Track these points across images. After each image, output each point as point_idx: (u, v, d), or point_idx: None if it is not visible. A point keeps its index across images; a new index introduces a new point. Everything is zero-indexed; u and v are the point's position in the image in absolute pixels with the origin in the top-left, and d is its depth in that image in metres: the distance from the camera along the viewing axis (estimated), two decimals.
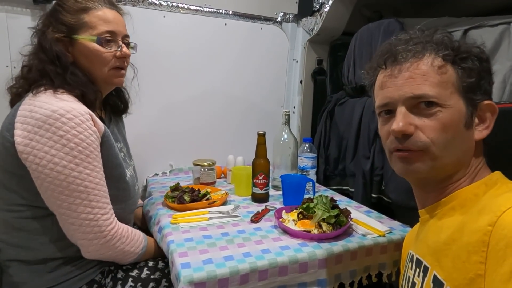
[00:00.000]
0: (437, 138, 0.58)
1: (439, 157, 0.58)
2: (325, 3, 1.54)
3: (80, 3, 0.87)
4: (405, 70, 0.60)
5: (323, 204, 0.98)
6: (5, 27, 1.23)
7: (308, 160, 1.35)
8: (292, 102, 1.79)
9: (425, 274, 0.60)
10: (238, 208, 1.14)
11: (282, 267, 0.81)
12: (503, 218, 0.48)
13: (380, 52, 0.65)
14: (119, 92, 1.09)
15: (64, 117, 0.75)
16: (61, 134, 0.75)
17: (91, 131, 0.80)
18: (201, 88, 1.60)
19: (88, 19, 0.87)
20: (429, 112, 0.58)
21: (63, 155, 0.75)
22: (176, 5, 1.48)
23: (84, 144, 0.78)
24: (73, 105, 0.79)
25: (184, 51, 1.54)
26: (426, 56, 0.59)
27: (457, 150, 0.59)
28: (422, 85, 0.58)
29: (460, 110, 0.58)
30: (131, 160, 1.11)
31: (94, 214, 0.80)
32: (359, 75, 1.41)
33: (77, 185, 0.78)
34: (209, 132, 1.65)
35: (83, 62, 0.88)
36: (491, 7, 1.32)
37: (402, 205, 1.17)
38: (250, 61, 1.68)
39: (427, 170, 0.60)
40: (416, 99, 0.58)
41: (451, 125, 0.58)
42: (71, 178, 0.77)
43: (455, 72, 0.58)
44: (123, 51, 0.91)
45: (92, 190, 0.80)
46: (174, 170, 1.58)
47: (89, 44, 0.87)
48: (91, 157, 0.80)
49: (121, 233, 0.86)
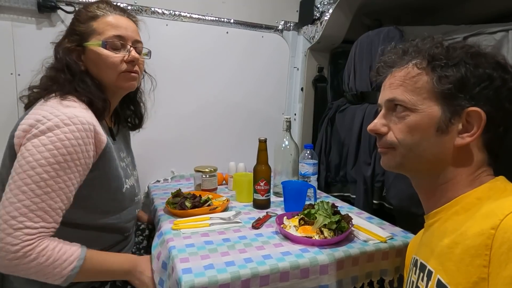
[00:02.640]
0: (403, 139, 0.63)
1: (406, 156, 0.64)
2: (325, 12, 1.56)
3: (90, 12, 0.89)
4: (392, 77, 0.67)
5: (324, 210, 0.98)
6: (10, 35, 1.25)
7: (309, 166, 1.35)
8: (293, 109, 1.80)
9: (429, 278, 0.59)
10: (240, 214, 1.14)
11: (283, 273, 0.80)
12: (506, 221, 0.48)
13: (379, 61, 0.72)
14: (137, 107, 1.09)
15: (62, 122, 0.75)
16: (54, 135, 0.74)
17: (86, 141, 0.78)
18: (203, 95, 1.61)
19: (96, 25, 0.88)
20: (400, 115, 0.63)
21: (47, 155, 0.73)
22: (179, 14, 1.50)
23: (71, 150, 0.75)
24: (78, 113, 0.78)
25: (186, 59, 1.55)
26: (405, 66, 0.65)
27: (426, 152, 0.62)
28: (396, 90, 0.64)
29: (431, 115, 0.60)
30: (135, 170, 1.11)
31: (19, 222, 0.71)
32: (359, 82, 1.42)
33: (38, 187, 0.72)
34: (211, 139, 1.65)
35: (93, 69, 0.89)
36: (490, 15, 1.34)
37: (403, 211, 1.16)
38: (252, 69, 1.70)
39: (395, 165, 0.66)
40: (390, 102, 0.65)
41: (417, 128, 0.61)
42: (38, 177, 0.72)
43: (430, 79, 0.61)
44: (131, 55, 0.90)
45: (47, 198, 0.73)
46: (176, 176, 1.59)
47: (97, 50, 0.87)
48: (70, 167, 0.76)
49: (40, 252, 0.73)
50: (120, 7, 0.94)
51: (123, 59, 0.89)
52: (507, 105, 0.59)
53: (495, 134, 0.60)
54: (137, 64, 0.93)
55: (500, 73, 0.59)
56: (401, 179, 1.11)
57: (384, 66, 0.69)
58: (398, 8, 1.61)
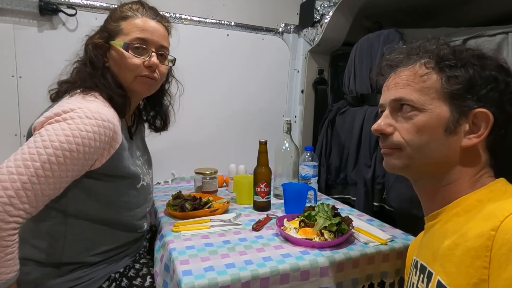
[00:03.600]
0: (411, 139, 0.61)
1: (413, 157, 0.62)
2: (326, 15, 1.57)
3: (123, 11, 0.91)
4: (397, 77, 0.65)
5: (324, 212, 0.98)
6: (12, 38, 1.25)
7: (310, 168, 1.35)
8: (294, 111, 1.81)
9: (429, 279, 0.59)
10: (240, 216, 1.14)
11: (283, 275, 0.80)
12: (506, 223, 0.48)
13: (381, 61, 0.71)
14: (161, 109, 1.10)
15: (85, 115, 0.75)
16: (74, 123, 0.74)
17: (102, 138, 0.77)
18: (203, 97, 1.61)
19: (124, 26, 0.89)
20: (407, 115, 0.62)
21: (63, 139, 0.72)
22: (179, 17, 1.51)
23: (86, 142, 0.74)
24: (102, 110, 0.79)
25: (187, 61, 1.54)
26: (412, 65, 0.64)
27: (433, 153, 0.61)
28: (403, 89, 0.63)
29: (440, 115, 0.59)
30: (151, 169, 1.11)
31: (6, 196, 0.67)
32: (359, 84, 1.42)
33: (42, 168, 0.70)
34: (211, 141, 1.66)
35: (114, 67, 0.90)
36: (490, 17, 1.34)
37: (404, 213, 1.16)
38: (252, 71, 1.70)
39: (401, 166, 0.64)
40: (397, 101, 0.63)
41: (426, 129, 0.60)
42: (45, 157, 0.70)
43: (439, 79, 0.60)
44: (151, 60, 0.89)
45: (44, 181, 0.71)
46: (176, 179, 1.59)
47: (119, 50, 0.88)
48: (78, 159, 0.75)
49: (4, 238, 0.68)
50: (153, 10, 0.94)
51: (143, 63, 0.89)
52: (509, 108, 0.60)
53: (497, 136, 0.60)
54: (157, 70, 0.92)
55: (504, 76, 0.60)
56: (402, 181, 1.11)
57: (389, 65, 0.68)
58: (398, 11, 1.62)
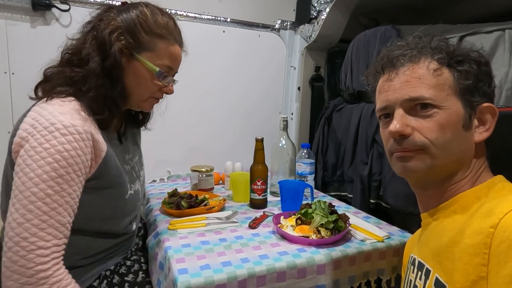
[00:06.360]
0: (435, 138, 0.58)
1: (438, 157, 0.58)
2: (322, 11, 1.56)
3: (159, 29, 0.84)
4: (402, 74, 0.61)
5: (321, 209, 0.98)
6: (4, 34, 1.23)
7: (306, 166, 1.35)
8: (290, 108, 1.80)
9: (427, 277, 0.59)
10: (236, 214, 1.13)
11: (280, 273, 0.80)
12: (505, 220, 0.47)
13: (379, 58, 0.67)
14: None
15: (59, 132, 0.71)
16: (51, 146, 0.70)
17: (85, 150, 0.74)
18: (199, 94, 1.60)
19: (159, 46, 0.84)
20: (426, 113, 0.59)
21: (48, 169, 0.70)
22: (175, 13, 1.49)
23: (71, 161, 0.72)
24: (74, 121, 0.74)
25: (183, 57, 1.54)
26: (422, 60, 0.61)
27: (456, 150, 0.59)
28: (418, 87, 0.59)
29: (457, 111, 0.59)
30: (142, 170, 1.08)
31: (30, 243, 0.67)
32: (356, 81, 1.42)
33: (45, 204, 0.69)
34: (207, 138, 1.65)
35: (130, 80, 0.85)
36: (486, 14, 1.34)
37: (400, 210, 1.16)
38: (248, 68, 1.69)
39: (426, 169, 0.59)
40: (412, 101, 0.59)
41: (448, 126, 0.58)
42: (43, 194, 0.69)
43: (451, 75, 0.59)
44: (169, 88, 0.92)
45: (56, 214, 0.70)
46: (172, 176, 1.58)
47: (146, 69, 0.84)
48: (73, 179, 0.73)
49: (53, 284, 0.68)
50: (180, 35, 0.92)
51: (161, 88, 0.89)
52: None
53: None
54: None
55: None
56: (398, 178, 1.11)
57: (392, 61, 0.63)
58: (395, 8, 1.61)
